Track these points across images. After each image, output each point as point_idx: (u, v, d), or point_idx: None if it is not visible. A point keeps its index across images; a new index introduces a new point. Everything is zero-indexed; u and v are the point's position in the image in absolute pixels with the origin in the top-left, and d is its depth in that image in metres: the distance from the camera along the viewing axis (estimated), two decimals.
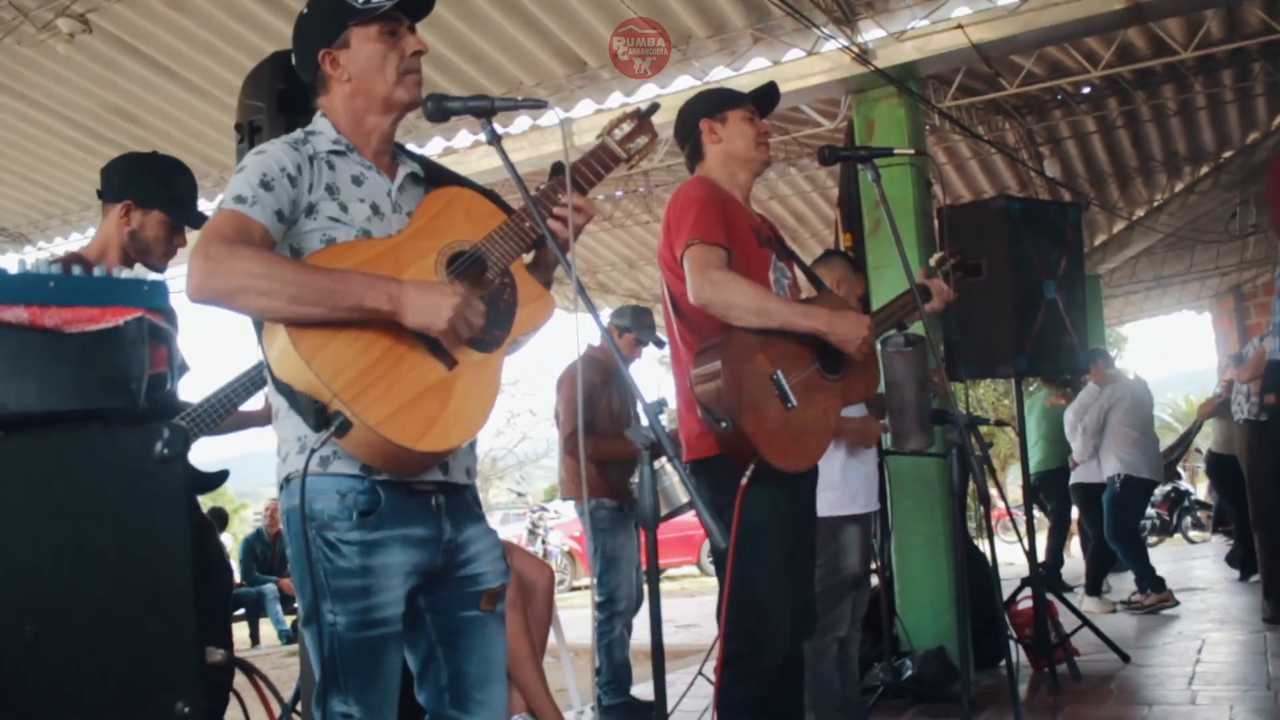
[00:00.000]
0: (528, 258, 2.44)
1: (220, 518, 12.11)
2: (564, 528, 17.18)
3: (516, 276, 2.36)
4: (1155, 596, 7.95)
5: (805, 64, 6.54)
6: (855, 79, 6.50)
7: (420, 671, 2.36)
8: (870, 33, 6.37)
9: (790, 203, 10.91)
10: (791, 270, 3.49)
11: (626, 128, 2.62)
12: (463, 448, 2.29)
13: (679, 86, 6.88)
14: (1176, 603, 7.94)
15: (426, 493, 2.26)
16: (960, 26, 6.14)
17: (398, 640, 2.26)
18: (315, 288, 2.04)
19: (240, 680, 3.05)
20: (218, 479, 3.24)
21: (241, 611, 10.89)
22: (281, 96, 3.39)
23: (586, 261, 12.06)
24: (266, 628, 11.26)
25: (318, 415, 2.05)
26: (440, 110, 2.39)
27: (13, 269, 1.42)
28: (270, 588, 11.03)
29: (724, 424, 3.03)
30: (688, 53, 6.57)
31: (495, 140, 2.35)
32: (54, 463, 1.34)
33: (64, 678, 1.28)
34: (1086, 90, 8.67)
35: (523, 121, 7.54)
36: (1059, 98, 8.77)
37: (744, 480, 3.07)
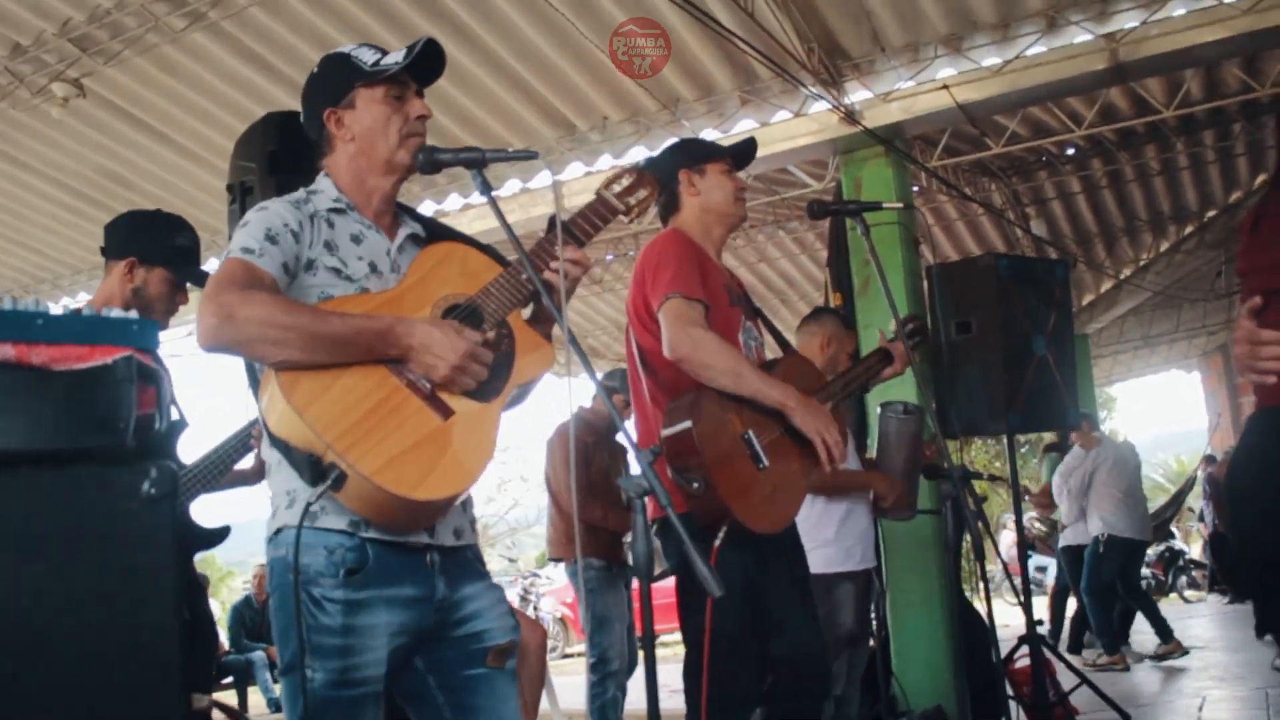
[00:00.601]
0: (526, 312, 2.42)
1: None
2: (556, 594, 16.96)
3: (514, 327, 2.33)
4: (1106, 658, 7.99)
5: (793, 125, 6.62)
6: (843, 139, 6.57)
7: None
8: (856, 94, 6.46)
9: (779, 265, 10.98)
10: (759, 330, 3.45)
11: (625, 181, 2.60)
12: (455, 508, 2.26)
13: None
14: (1127, 667, 7.96)
15: (420, 550, 2.21)
16: (945, 87, 6.23)
17: (376, 699, 2.19)
18: (329, 337, 2.04)
19: None
20: (219, 536, 3.20)
21: (230, 680, 10.71)
22: (273, 157, 3.40)
23: (576, 325, 12.09)
24: (255, 696, 11.07)
25: (313, 469, 2.02)
26: (431, 162, 2.39)
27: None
28: (259, 655, 10.86)
29: (695, 484, 2.96)
30: (676, 115, 6.64)
31: (487, 190, 2.35)
32: (39, 501, 1.32)
33: (41, 715, 1.25)
34: (1071, 151, 8.80)
35: (513, 184, 7.61)
36: (1044, 159, 8.89)
37: (716, 543, 3.00)
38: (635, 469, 2.25)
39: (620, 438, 5.89)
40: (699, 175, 3.37)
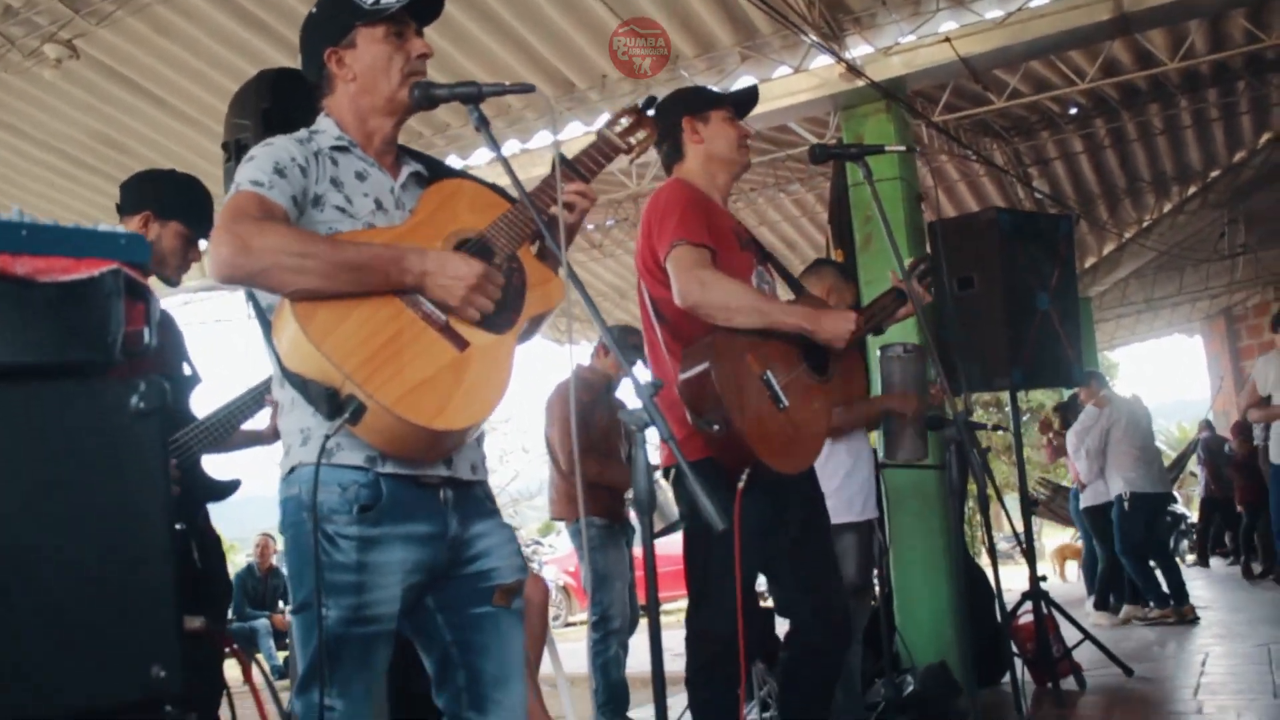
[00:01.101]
0: (533, 248, 2.41)
1: None
2: (558, 562, 17.00)
3: (524, 261, 2.33)
4: (1158, 611, 7.95)
5: (793, 81, 6.56)
6: (843, 95, 6.51)
7: (438, 675, 2.27)
8: (857, 48, 6.39)
9: (780, 228, 10.92)
10: (771, 275, 3.44)
11: (625, 122, 2.62)
12: (469, 443, 2.25)
13: None
14: (1196, 618, 7.92)
15: (434, 486, 2.20)
16: (948, 40, 6.17)
17: (388, 638, 2.19)
18: (343, 263, 2.03)
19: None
20: (230, 488, 3.19)
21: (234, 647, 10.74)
22: (267, 115, 3.37)
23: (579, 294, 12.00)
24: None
25: (330, 401, 2.01)
26: (427, 97, 2.37)
27: None
28: (263, 623, 10.90)
29: (715, 426, 2.96)
30: (676, 71, 6.57)
31: (484, 125, 2.32)
32: (24, 415, 1.28)
33: (29, 634, 1.22)
34: (1073, 110, 8.71)
35: (513, 144, 7.54)
36: (1046, 118, 8.81)
37: (740, 485, 2.99)
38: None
39: (619, 394, 5.86)
40: (702, 123, 3.36)
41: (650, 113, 2.64)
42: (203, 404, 3.25)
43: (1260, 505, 9.82)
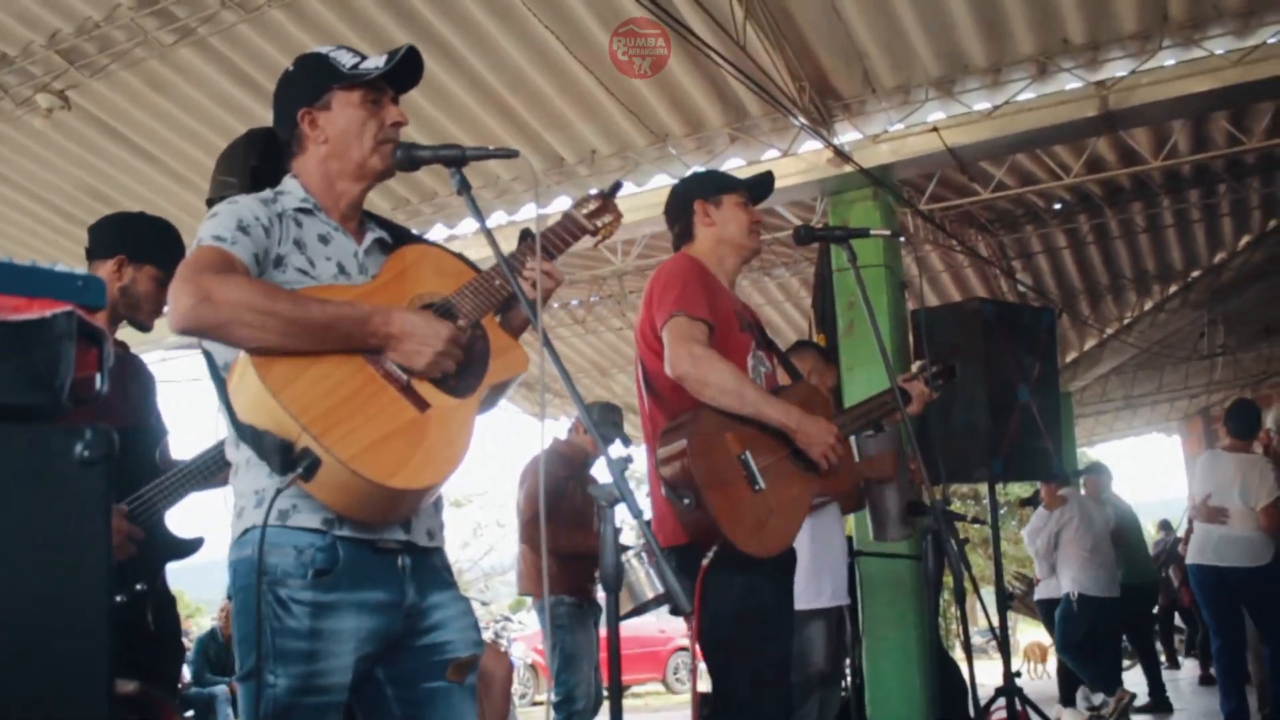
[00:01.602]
0: (498, 317, 2.38)
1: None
2: (527, 640, 16.73)
3: (488, 329, 2.30)
4: (1112, 700, 7.86)
5: (782, 164, 6.60)
6: (831, 180, 6.56)
7: None
8: (846, 135, 6.45)
9: (763, 312, 10.92)
10: (770, 360, 3.42)
11: (592, 205, 2.61)
12: (426, 509, 2.19)
13: (656, 184, 6.94)
14: (1133, 695, 7.83)
15: (391, 552, 2.14)
16: (935, 130, 6.23)
17: (338, 710, 2.10)
18: (305, 321, 1.99)
19: None
20: (193, 546, 3.08)
21: (191, 714, 10.48)
22: (255, 173, 3.34)
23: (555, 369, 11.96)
24: None
25: (284, 454, 1.95)
26: (410, 159, 2.34)
27: None
28: (222, 689, 10.64)
29: (687, 500, 2.92)
30: (665, 149, 6.62)
31: (465, 189, 2.30)
32: None
33: None
34: (1058, 205, 8.81)
35: (499, 215, 7.55)
36: (1030, 212, 8.90)
37: (705, 562, 2.93)
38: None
39: (594, 470, 5.79)
40: (715, 206, 3.36)
41: (615, 199, 2.64)
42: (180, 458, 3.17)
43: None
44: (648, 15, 4.58)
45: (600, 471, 5.83)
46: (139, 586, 2.83)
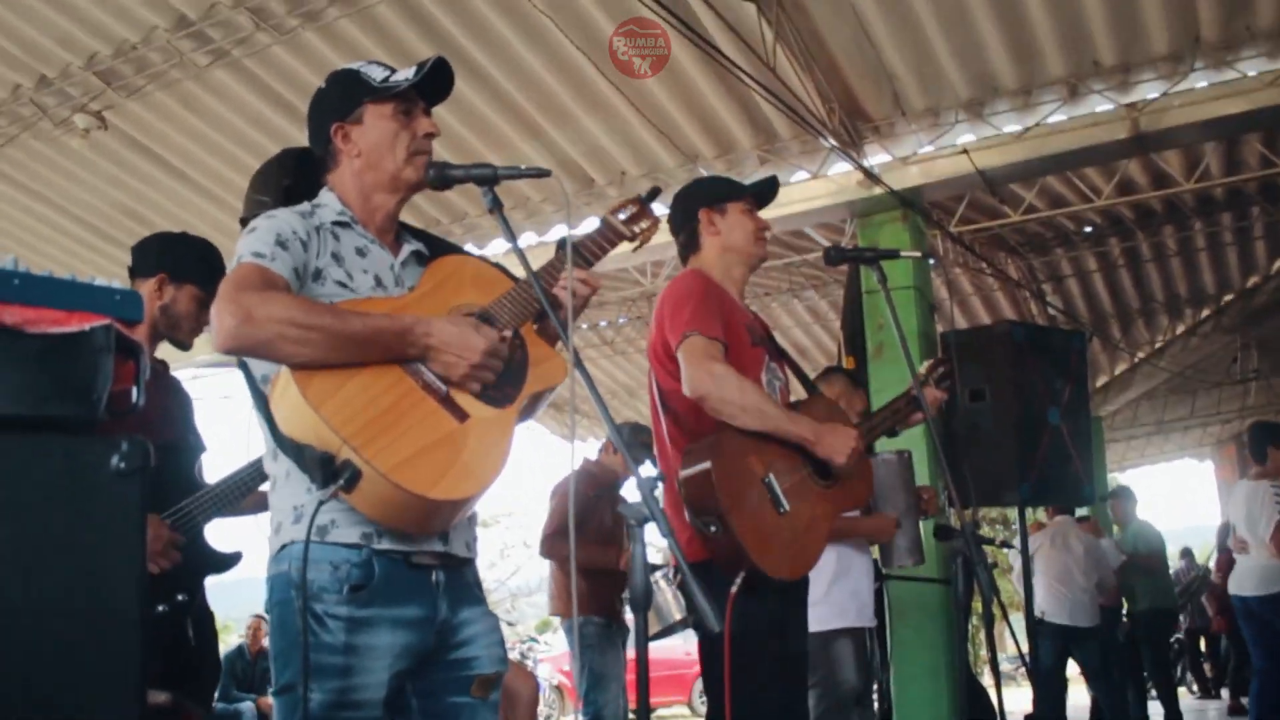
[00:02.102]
0: (535, 326, 2.38)
1: None
2: (553, 661, 16.70)
3: (526, 338, 2.29)
4: None
5: (811, 186, 6.61)
6: (860, 202, 6.55)
7: None
8: (876, 156, 6.45)
9: (792, 334, 10.92)
10: (783, 371, 3.39)
11: (630, 210, 2.59)
12: (463, 521, 2.19)
13: None
14: None
15: (426, 568, 2.14)
16: (965, 151, 6.22)
17: None
18: (347, 335, 2.00)
19: None
20: (232, 560, 3.10)
21: None
22: (289, 191, 3.37)
23: (585, 388, 11.97)
24: None
25: (325, 467, 1.95)
26: (442, 178, 2.34)
27: None
28: (248, 706, 10.67)
29: (713, 527, 2.89)
30: (695, 170, 6.63)
31: (497, 208, 2.30)
32: (1, 466, 1.24)
33: None
34: (1088, 229, 8.76)
35: (529, 236, 7.59)
36: (1061, 235, 8.86)
37: (733, 589, 2.91)
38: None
39: (624, 489, 5.80)
40: (719, 214, 3.29)
41: (653, 205, 2.62)
42: (209, 476, 3.19)
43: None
44: (678, 35, 4.59)
45: (630, 492, 5.85)
46: (180, 597, 2.85)
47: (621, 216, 2.57)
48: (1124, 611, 8.27)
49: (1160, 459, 18.45)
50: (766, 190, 3.41)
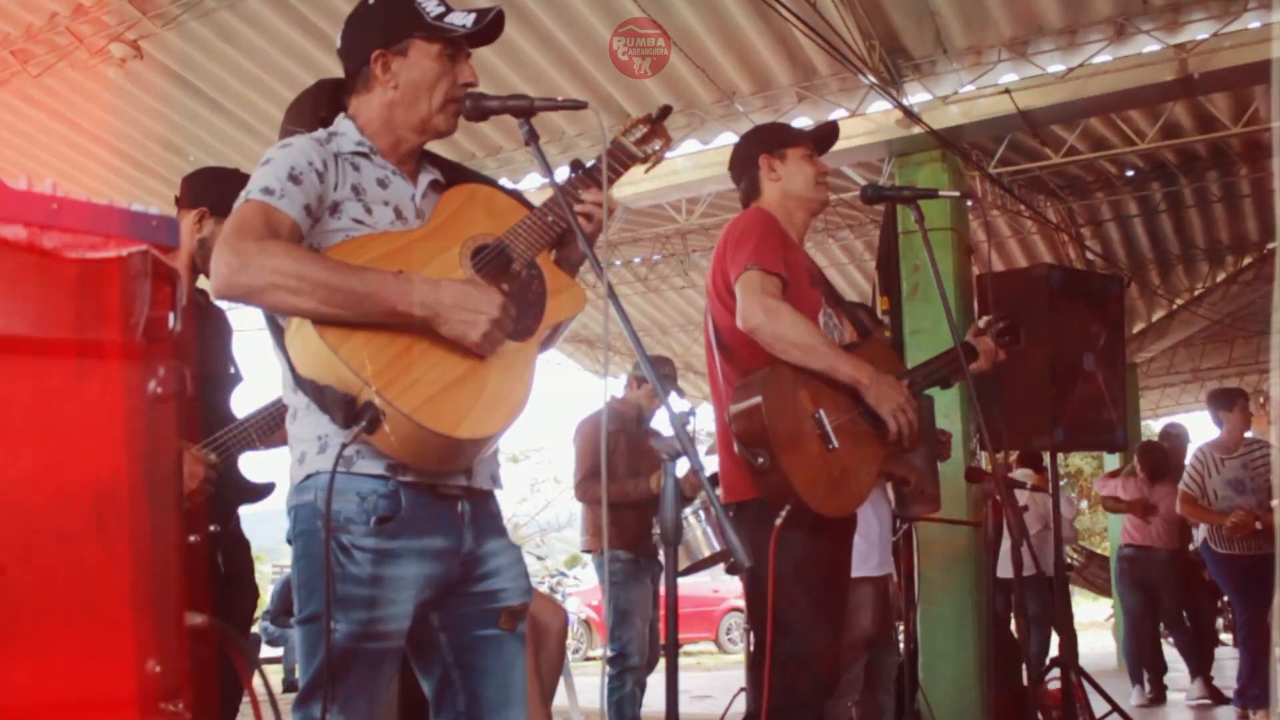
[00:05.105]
0: (552, 255, 2.36)
1: None
2: (582, 595, 16.91)
3: (544, 268, 2.27)
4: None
5: (849, 124, 6.49)
6: (899, 141, 6.47)
7: (436, 698, 2.21)
8: (916, 95, 6.35)
9: (827, 275, 10.82)
10: (840, 318, 3.39)
11: (641, 130, 2.53)
12: (486, 455, 2.19)
13: (722, 142, 6.88)
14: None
15: (452, 498, 2.15)
16: (1007, 91, 6.11)
17: (396, 656, 2.13)
18: (346, 291, 1.96)
19: None
20: (265, 490, 3.13)
21: (281, 652, 10.93)
22: (324, 124, 3.37)
23: (616, 324, 11.97)
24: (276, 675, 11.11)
25: (347, 408, 1.95)
26: (479, 109, 2.31)
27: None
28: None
29: (760, 459, 2.91)
30: (732, 107, 6.56)
31: (534, 140, 2.28)
32: (39, 390, 1.25)
33: (25, 616, 1.18)
34: (1130, 173, 8.61)
35: (564, 170, 7.51)
36: (1102, 178, 8.71)
37: (778, 522, 2.93)
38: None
39: (655, 423, 5.82)
40: (780, 160, 3.33)
41: (664, 122, 2.56)
42: (245, 407, 3.21)
43: None
44: None
45: (660, 423, 5.85)
46: (212, 528, 2.89)
47: (633, 137, 2.52)
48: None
49: (1195, 407, 18.22)
50: (827, 136, 3.41)
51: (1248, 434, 6.69)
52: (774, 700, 2.94)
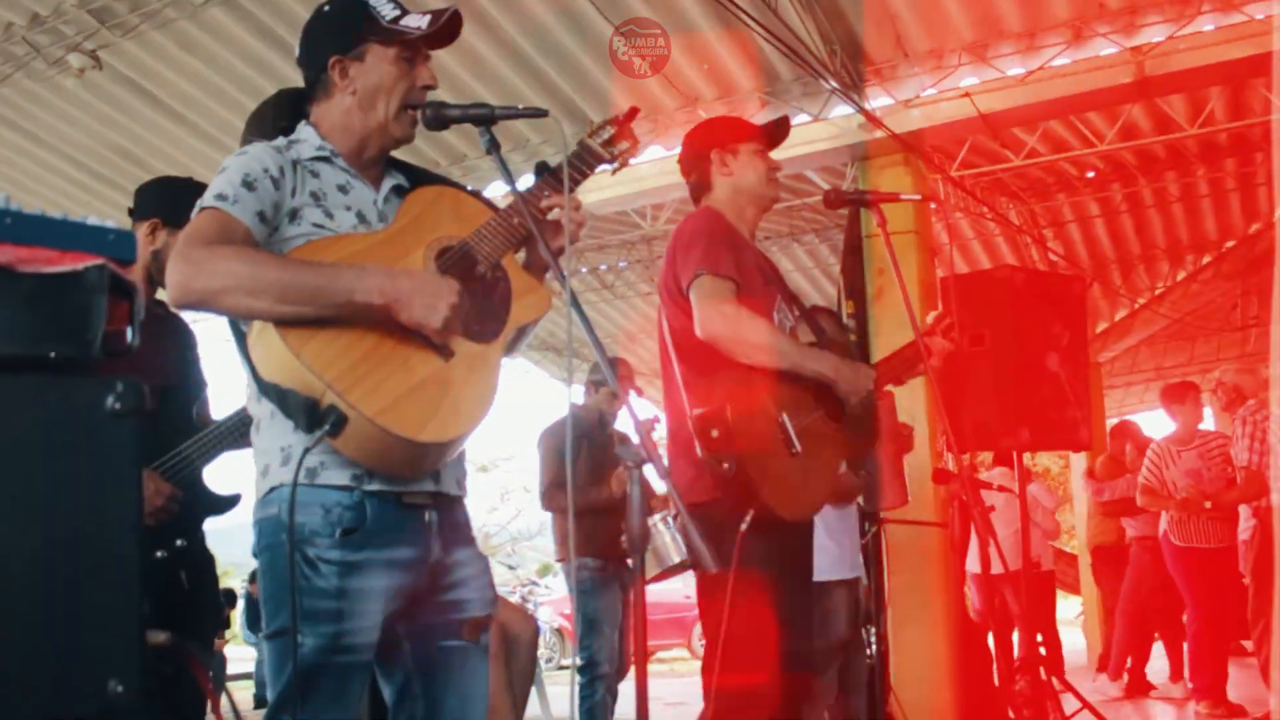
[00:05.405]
0: (519, 257, 2.35)
1: (230, 598, 12.02)
2: (554, 604, 16.84)
3: (509, 270, 2.25)
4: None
5: (812, 129, 6.55)
6: (861, 145, 6.51)
7: (395, 704, 2.20)
8: (877, 99, 6.39)
9: (792, 278, 10.84)
10: (794, 312, 3.38)
11: (609, 131, 2.51)
12: (453, 459, 2.18)
13: None
14: None
15: (419, 507, 2.13)
16: (968, 95, 6.16)
17: (365, 669, 2.11)
18: (301, 285, 1.95)
19: None
20: (230, 502, 3.10)
21: (250, 669, 10.87)
22: (285, 133, 3.34)
23: (581, 331, 11.93)
24: (241, 692, 11.01)
25: (309, 413, 1.93)
26: (439, 118, 2.29)
27: None
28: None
29: (726, 465, 2.89)
30: (695, 113, 6.57)
31: (495, 149, 2.27)
32: None
33: None
34: (1090, 174, 8.70)
35: (528, 179, 7.50)
36: (1063, 180, 8.80)
37: (742, 528, 2.92)
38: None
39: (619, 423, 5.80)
40: (731, 155, 3.26)
41: (631, 124, 2.55)
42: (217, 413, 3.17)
43: None
44: None
45: (623, 424, 5.82)
46: (179, 543, 2.85)
47: (600, 139, 2.51)
48: None
49: (1159, 406, 18.44)
50: (778, 131, 3.38)
51: (1200, 426, 6.85)
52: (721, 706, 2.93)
